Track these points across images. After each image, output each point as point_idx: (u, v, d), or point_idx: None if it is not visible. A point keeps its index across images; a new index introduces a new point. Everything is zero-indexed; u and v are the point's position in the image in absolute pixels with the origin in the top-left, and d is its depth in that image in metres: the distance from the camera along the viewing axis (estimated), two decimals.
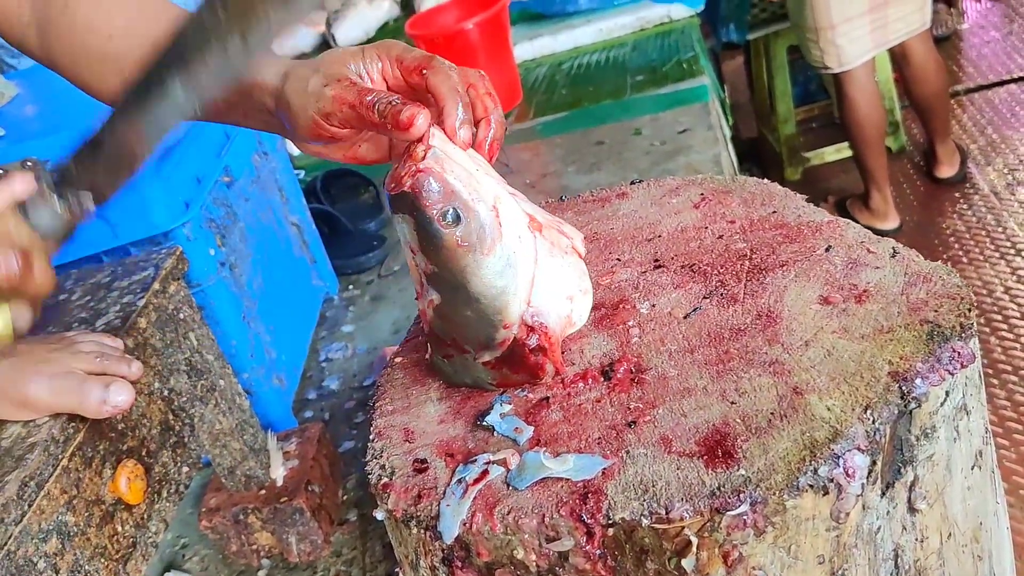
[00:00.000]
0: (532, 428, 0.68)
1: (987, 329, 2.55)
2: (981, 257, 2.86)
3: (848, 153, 3.43)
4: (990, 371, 2.41)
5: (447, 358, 0.74)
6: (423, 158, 0.66)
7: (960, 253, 2.90)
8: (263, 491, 1.20)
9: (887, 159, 3.07)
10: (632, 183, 0.99)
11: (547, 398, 0.71)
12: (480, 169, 0.69)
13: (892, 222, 3.09)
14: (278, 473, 1.22)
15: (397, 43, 0.73)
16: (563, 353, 0.73)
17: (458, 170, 0.67)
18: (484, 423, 0.70)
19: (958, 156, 3.27)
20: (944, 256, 2.90)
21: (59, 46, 0.86)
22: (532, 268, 0.70)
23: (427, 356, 0.77)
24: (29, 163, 0.67)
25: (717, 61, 3.63)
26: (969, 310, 0.67)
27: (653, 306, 0.77)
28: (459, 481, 0.65)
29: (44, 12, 0.87)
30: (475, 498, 0.63)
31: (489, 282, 0.68)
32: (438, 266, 0.68)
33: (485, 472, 0.65)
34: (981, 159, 3.32)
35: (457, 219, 0.66)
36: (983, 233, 2.96)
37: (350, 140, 0.76)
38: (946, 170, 3.27)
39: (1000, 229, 2.94)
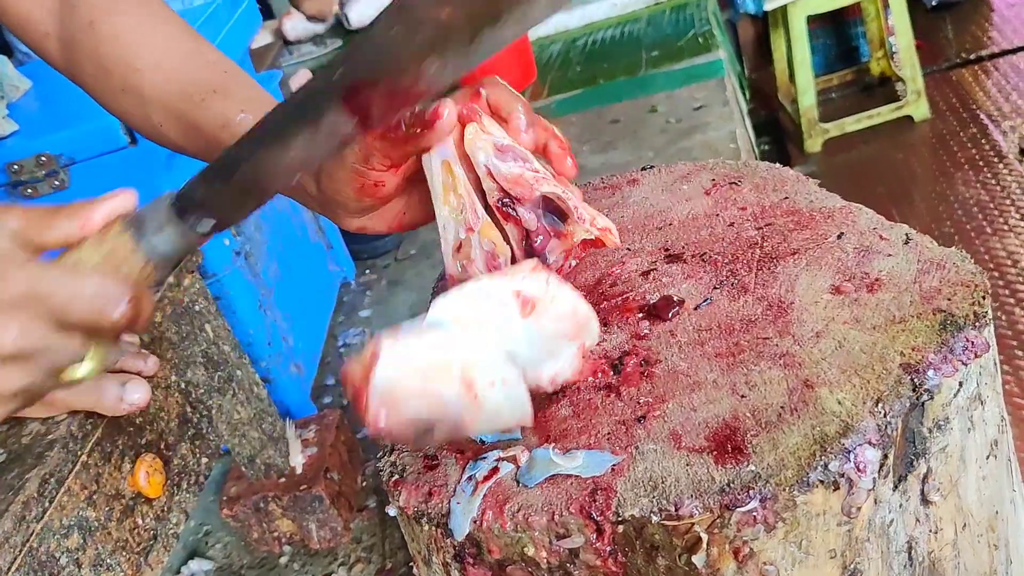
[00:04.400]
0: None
1: (1012, 300, 2.52)
2: (1006, 227, 2.82)
3: (869, 123, 3.38)
4: (1014, 342, 2.39)
5: None
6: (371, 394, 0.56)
7: (984, 223, 2.86)
8: (283, 479, 1.22)
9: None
10: (643, 169, 0.98)
11: (557, 393, 0.70)
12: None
13: None
14: (297, 461, 1.23)
15: None
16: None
17: (411, 376, 0.57)
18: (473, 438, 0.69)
19: None
20: (968, 226, 2.86)
21: (83, 64, 0.82)
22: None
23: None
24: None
25: (735, 33, 3.58)
26: (984, 298, 0.66)
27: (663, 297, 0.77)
28: (469, 478, 0.65)
29: (68, 28, 0.82)
30: (485, 495, 0.63)
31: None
32: None
33: (495, 469, 0.65)
34: (1006, 126, 3.25)
35: (429, 432, 0.60)
36: (1007, 202, 2.92)
37: (394, 199, 0.73)
38: None
39: None
